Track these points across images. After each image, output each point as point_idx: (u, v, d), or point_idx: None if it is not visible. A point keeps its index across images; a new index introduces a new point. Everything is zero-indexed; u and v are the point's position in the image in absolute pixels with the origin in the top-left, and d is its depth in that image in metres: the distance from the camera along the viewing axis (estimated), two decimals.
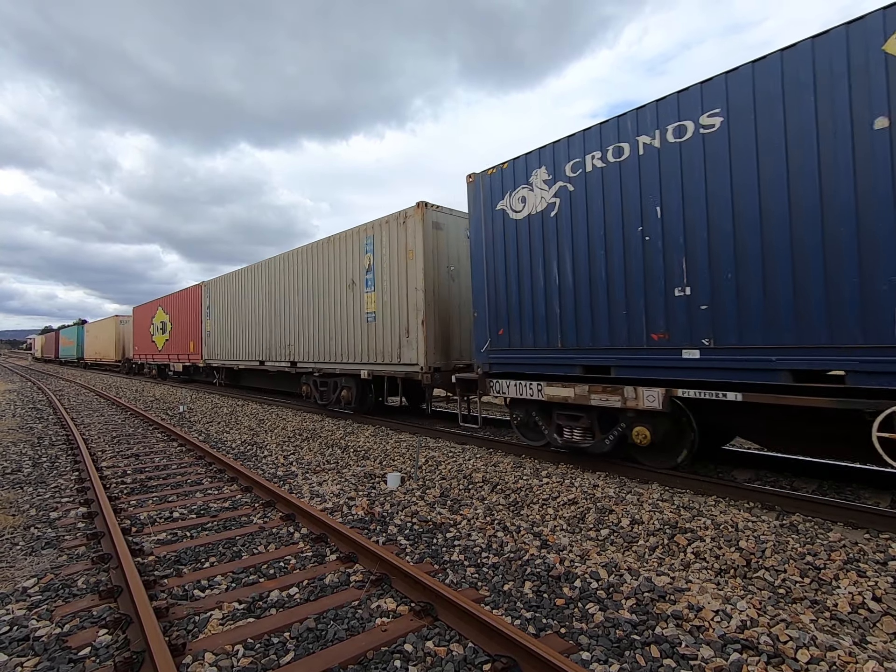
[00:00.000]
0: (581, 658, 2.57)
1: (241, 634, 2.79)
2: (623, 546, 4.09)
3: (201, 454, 7.37)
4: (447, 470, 6.21)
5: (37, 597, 3.27)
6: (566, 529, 4.47)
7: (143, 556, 3.87)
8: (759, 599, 3.12)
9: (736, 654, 2.55)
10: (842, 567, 3.38)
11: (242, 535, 4.32)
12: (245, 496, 5.43)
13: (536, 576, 3.49)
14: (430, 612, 2.96)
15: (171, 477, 6.31)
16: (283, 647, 2.71)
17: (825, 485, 5.16)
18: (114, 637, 2.81)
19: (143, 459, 7.29)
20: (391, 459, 6.94)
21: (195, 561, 3.81)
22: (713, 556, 3.71)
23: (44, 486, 5.92)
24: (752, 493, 4.82)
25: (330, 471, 6.54)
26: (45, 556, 3.95)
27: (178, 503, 5.21)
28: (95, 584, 3.44)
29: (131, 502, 5.27)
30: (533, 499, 5.09)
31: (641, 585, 3.28)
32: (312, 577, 3.49)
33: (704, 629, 2.79)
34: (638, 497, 4.87)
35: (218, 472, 6.45)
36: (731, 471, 5.79)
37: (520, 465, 6.25)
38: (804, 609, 3.04)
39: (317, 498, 5.34)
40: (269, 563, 3.76)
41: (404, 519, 4.66)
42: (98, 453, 7.64)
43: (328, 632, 2.82)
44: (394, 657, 2.61)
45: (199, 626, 2.89)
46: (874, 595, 3.06)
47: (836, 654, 2.51)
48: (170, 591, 3.32)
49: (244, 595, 3.24)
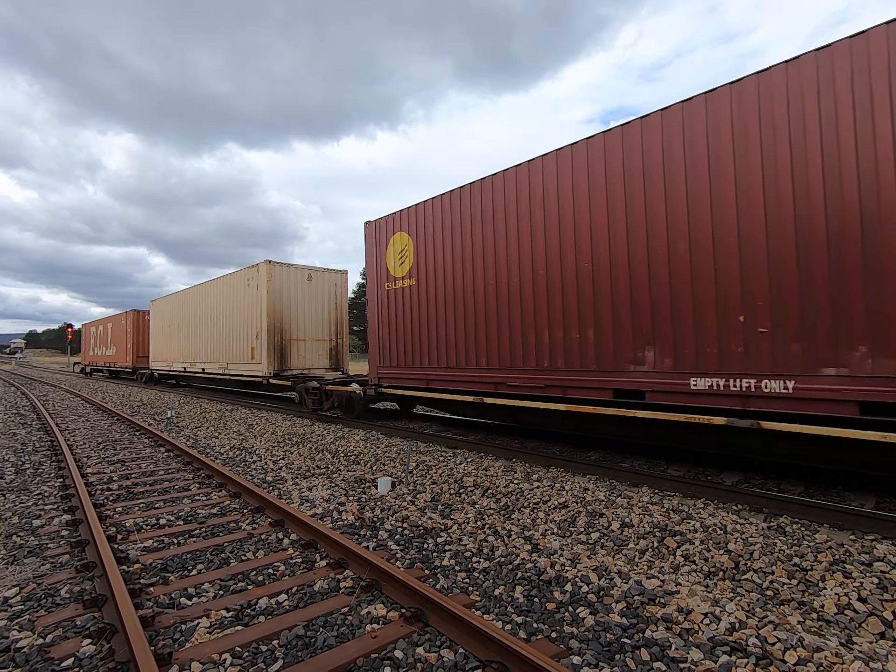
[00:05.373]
0: (572, 662, 2.57)
1: (229, 643, 2.75)
2: (613, 549, 4.11)
3: (189, 460, 7.28)
4: (438, 474, 6.19)
5: (18, 607, 3.20)
6: (557, 533, 4.48)
7: (128, 563, 3.81)
8: (747, 601, 3.14)
9: (725, 657, 2.56)
10: (828, 568, 3.42)
11: (231, 541, 4.26)
12: (233, 502, 5.37)
13: (527, 580, 3.48)
14: (420, 617, 2.94)
15: (158, 483, 6.23)
16: (272, 656, 2.67)
17: (812, 487, 5.22)
18: (98, 647, 2.76)
19: (129, 465, 7.18)
20: (382, 464, 6.90)
21: (182, 568, 3.76)
22: (702, 559, 3.74)
23: (27, 493, 5.80)
24: (741, 496, 4.87)
25: (320, 476, 6.49)
26: (28, 564, 3.86)
27: (165, 510, 5.13)
28: (79, 594, 3.38)
29: (117, 509, 5.18)
30: (524, 503, 5.09)
31: (631, 589, 3.29)
32: (302, 584, 3.46)
33: (694, 632, 2.80)
34: (628, 500, 4.89)
35: (206, 477, 6.37)
36: (719, 473, 5.84)
37: (511, 469, 6.25)
38: (792, 610, 3.07)
39: (306, 503, 5.30)
40: (258, 569, 3.71)
41: (395, 524, 4.63)
42: (83, 459, 7.51)
43: (317, 639, 2.79)
44: (384, 664, 2.59)
45: (185, 635, 2.85)
46: (860, 596, 3.10)
47: (823, 655, 2.54)
48: (156, 599, 3.27)
49: (232, 603, 3.20)
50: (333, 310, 14.63)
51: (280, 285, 13.37)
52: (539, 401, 6.78)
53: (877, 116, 4.18)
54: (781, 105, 4.65)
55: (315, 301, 14.12)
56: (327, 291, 14.45)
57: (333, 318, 14.58)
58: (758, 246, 4.81)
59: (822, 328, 4.46)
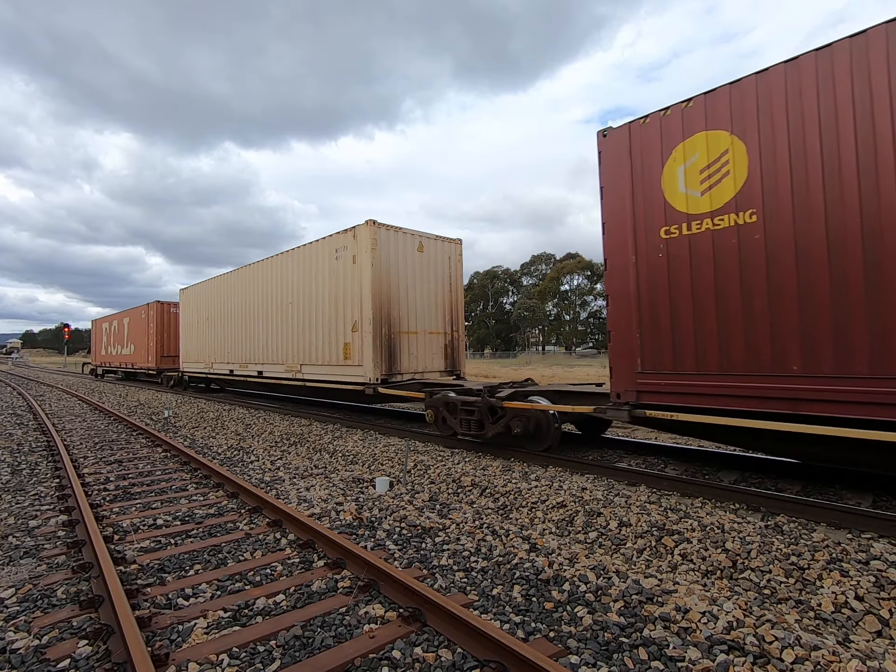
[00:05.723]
0: (570, 661, 2.57)
1: (226, 643, 2.74)
2: (611, 549, 4.11)
3: (186, 460, 7.26)
4: (436, 474, 6.19)
5: (14, 608, 3.18)
6: (555, 533, 4.48)
7: (125, 564, 3.79)
8: (745, 600, 3.14)
9: (723, 655, 2.57)
10: (825, 567, 3.43)
11: (228, 541, 4.25)
12: (231, 502, 5.36)
13: (525, 580, 3.48)
14: (418, 617, 2.93)
15: (156, 483, 6.21)
16: (269, 656, 2.67)
17: (809, 486, 5.24)
18: (94, 648, 2.75)
19: (126, 466, 7.15)
20: (380, 464, 6.90)
21: (179, 569, 3.75)
22: (700, 558, 3.75)
23: (23, 493, 5.78)
24: (738, 495, 4.88)
25: (318, 476, 6.48)
26: (24, 565, 3.85)
27: (162, 510, 5.12)
28: (76, 594, 3.36)
29: (114, 509, 5.16)
30: (522, 502, 5.09)
31: (629, 588, 3.29)
32: (299, 584, 3.45)
33: (692, 631, 2.81)
34: (626, 499, 4.89)
35: (203, 477, 6.35)
36: (717, 472, 5.85)
37: (508, 469, 6.25)
38: (789, 609, 3.08)
39: (304, 503, 5.29)
40: (256, 570, 3.70)
41: (393, 524, 4.63)
42: (80, 459, 7.48)
43: (315, 639, 2.79)
44: (382, 664, 2.58)
45: (182, 636, 2.83)
46: (857, 594, 3.10)
47: (821, 654, 2.54)
48: (153, 600, 3.26)
49: (229, 603, 3.19)
50: (448, 292, 10.75)
51: (387, 257, 9.63)
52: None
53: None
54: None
55: (427, 280, 10.38)
56: (441, 267, 10.64)
57: (448, 304, 10.78)
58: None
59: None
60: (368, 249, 9.41)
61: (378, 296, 9.45)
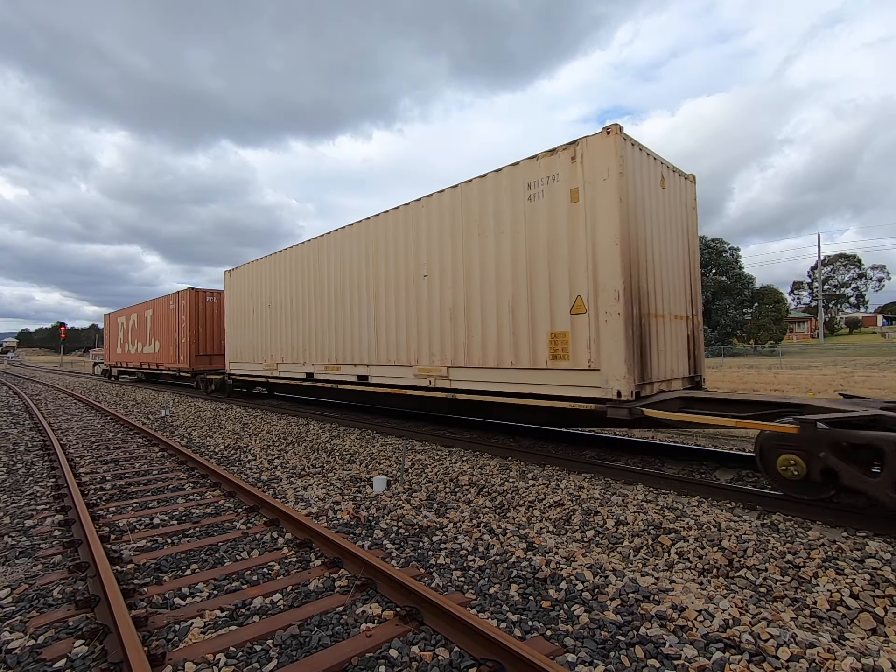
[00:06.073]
0: (567, 660, 2.57)
1: (223, 643, 2.73)
2: (608, 547, 4.12)
3: (183, 459, 7.24)
4: (434, 473, 6.19)
5: (10, 608, 3.17)
6: (552, 531, 4.48)
7: (121, 564, 3.78)
8: (741, 598, 3.16)
9: (719, 653, 2.57)
10: (821, 565, 3.44)
11: (225, 541, 4.24)
12: (228, 501, 5.34)
13: (522, 578, 3.49)
14: (415, 616, 2.93)
15: (152, 483, 6.19)
16: (266, 655, 2.66)
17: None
18: (90, 648, 2.74)
19: (122, 465, 7.13)
20: (377, 463, 6.89)
21: (176, 568, 3.74)
22: (696, 556, 3.76)
23: (19, 493, 5.76)
24: (734, 493, 4.90)
25: (315, 475, 6.47)
26: (20, 565, 3.83)
27: (158, 509, 5.10)
28: (72, 594, 3.35)
29: (110, 509, 5.14)
30: (519, 501, 5.09)
31: (626, 586, 3.30)
32: (297, 583, 3.45)
33: (688, 629, 2.81)
34: (623, 498, 4.90)
35: (200, 477, 6.34)
36: (713, 471, 5.87)
37: (506, 468, 6.26)
38: (785, 607, 3.09)
39: (301, 502, 5.28)
40: (253, 569, 3.69)
41: (390, 523, 4.63)
42: (76, 459, 7.46)
43: (312, 638, 2.79)
44: (379, 663, 2.58)
45: (179, 636, 2.83)
46: (852, 592, 3.12)
47: (816, 652, 2.55)
48: (149, 599, 3.25)
49: (226, 602, 3.18)
50: (686, 253, 7.30)
51: (633, 191, 6.07)
52: None
53: None
54: None
55: (668, 234, 6.85)
56: (679, 215, 7.17)
57: (688, 272, 7.32)
58: None
59: None
60: (612, 176, 5.83)
61: (627, 253, 5.87)
